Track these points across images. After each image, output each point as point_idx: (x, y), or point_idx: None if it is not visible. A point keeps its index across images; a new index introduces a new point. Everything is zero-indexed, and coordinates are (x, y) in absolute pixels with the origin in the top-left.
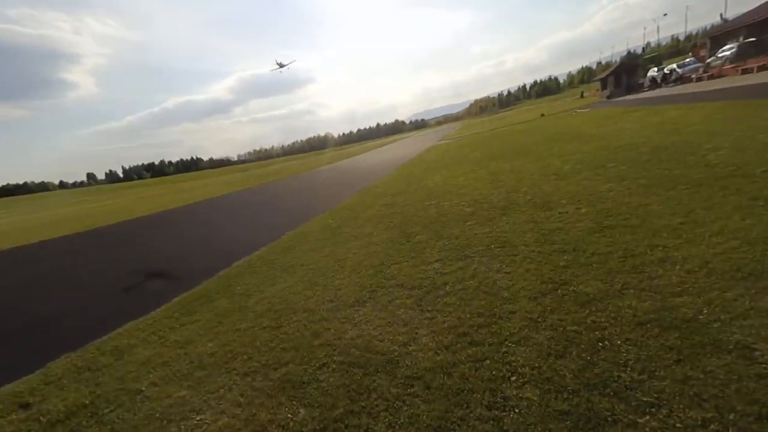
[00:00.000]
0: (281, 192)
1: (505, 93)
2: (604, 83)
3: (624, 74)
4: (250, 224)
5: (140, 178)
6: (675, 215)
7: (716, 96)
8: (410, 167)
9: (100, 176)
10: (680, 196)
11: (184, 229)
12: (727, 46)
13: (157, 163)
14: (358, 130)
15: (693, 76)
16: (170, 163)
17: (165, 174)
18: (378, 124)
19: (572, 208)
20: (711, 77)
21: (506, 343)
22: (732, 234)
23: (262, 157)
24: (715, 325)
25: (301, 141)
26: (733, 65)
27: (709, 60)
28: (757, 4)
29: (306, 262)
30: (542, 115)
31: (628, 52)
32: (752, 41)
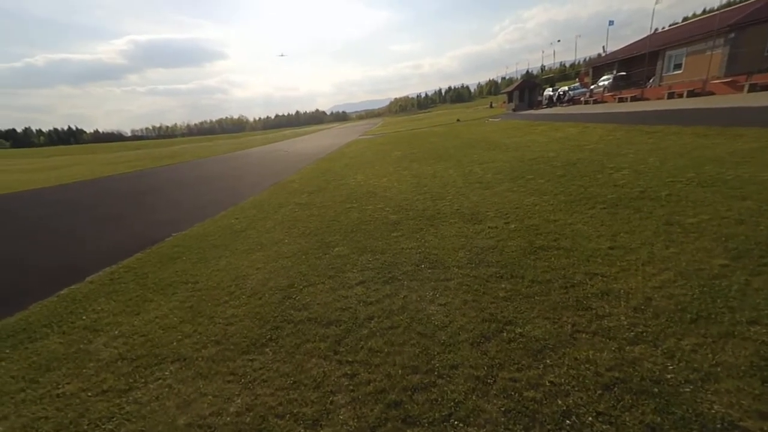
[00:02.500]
0: (176, 178)
1: (423, 95)
2: (510, 97)
3: (527, 90)
4: (126, 220)
5: None
6: (602, 237)
7: (603, 119)
8: (330, 162)
9: None
10: (601, 216)
11: (22, 221)
12: (605, 77)
13: (19, 130)
14: (276, 116)
15: (582, 98)
16: (40, 132)
17: (33, 145)
18: (298, 112)
19: (501, 222)
20: (595, 101)
21: (452, 420)
22: (662, 263)
23: (162, 135)
24: (687, 390)
25: (212, 122)
26: (610, 93)
27: (592, 87)
28: (631, 41)
29: (192, 279)
30: (458, 120)
31: (527, 72)
32: (623, 75)
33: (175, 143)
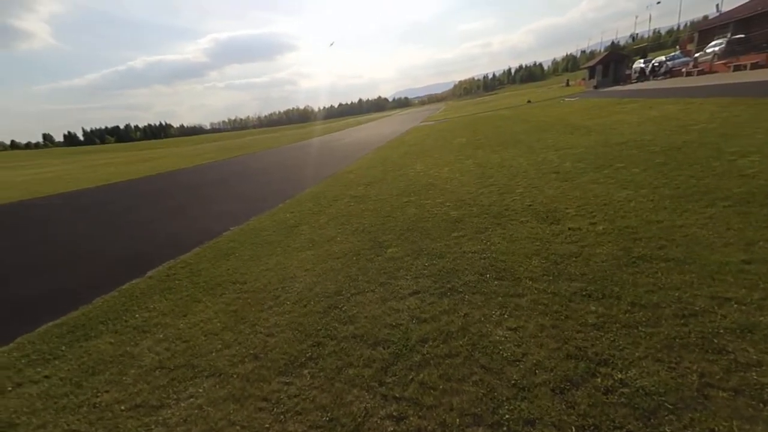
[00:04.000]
0: (243, 170)
1: (490, 76)
2: (591, 72)
3: (612, 64)
4: (191, 212)
5: (103, 142)
6: (731, 247)
7: (714, 92)
8: (389, 150)
9: (58, 138)
10: (726, 216)
11: (100, 214)
12: (716, 42)
13: (122, 127)
14: (340, 105)
15: (683, 69)
16: (137, 127)
17: (131, 139)
18: (360, 100)
19: (585, 222)
20: (701, 72)
21: None
22: None
23: (237, 127)
24: None
25: (279, 113)
26: (723, 61)
27: (697, 54)
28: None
29: (241, 279)
30: (529, 101)
31: (612, 43)
32: (741, 38)
33: (246, 135)
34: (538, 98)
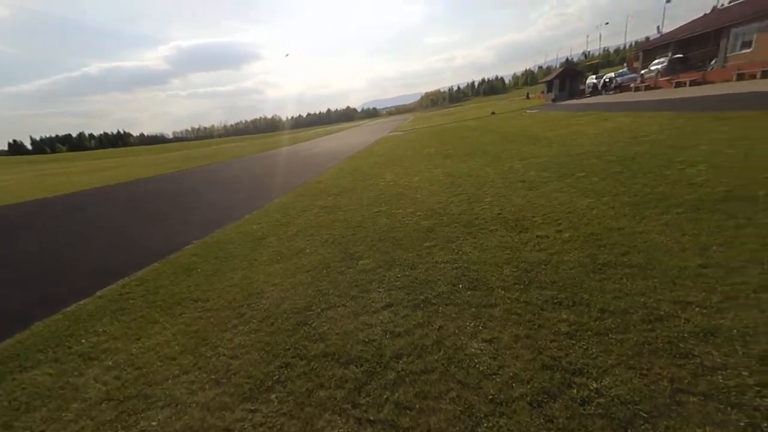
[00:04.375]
0: (207, 180)
1: (455, 88)
2: (549, 86)
3: (568, 79)
4: (149, 226)
5: (54, 151)
6: (688, 252)
7: (660, 106)
8: (359, 160)
9: (2, 146)
10: (680, 223)
11: (52, 227)
12: (658, 60)
13: (75, 135)
14: (308, 115)
15: (631, 85)
16: (92, 136)
17: (86, 148)
18: (329, 110)
19: (552, 230)
20: (648, 88)
21: None
22: None
23: (201, 136)
24: None
25: (246, 122)
26: (666, 78)
27: (643, 72)
28: (686, 21)
29: (203, 296)
30: (493, 113)
31: (567, 59)
32: (680, 57)
33: (211, 144)
34: (502, 110)
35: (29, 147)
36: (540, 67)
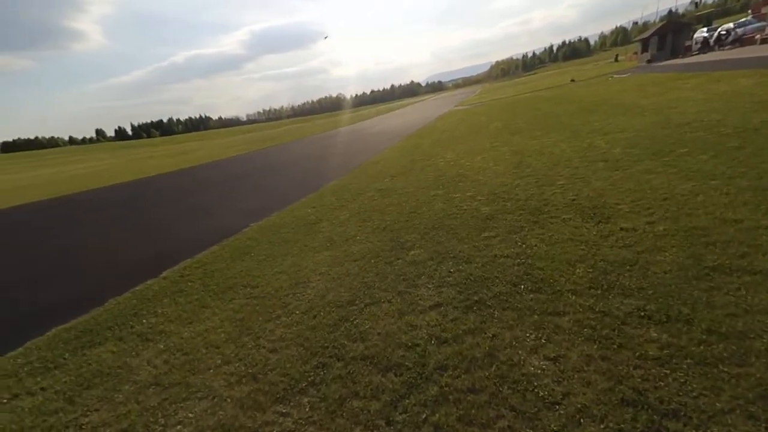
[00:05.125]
0: (269, 163)
1: (530, 55)
2: (644, 45)
3: (670, 35)
4: (217, 208)
5: (149, 135)
6: None
7: None
8: (419, 138)
9: (110, 133)
10: None
11: (129, 210)
12: None
13: (165, 120)
14: (372, 92)
15: (757, 36)
16: (179, 121)
17: (174, 132)
18: (393, 86)
19: (641, 221)
20: None
21: None
22: None
23: (271, 117)
24: None
25: (312, 102)
26: None
27: None
28: None
29: (253, 282)
30: (572, 80)
31: (670, 12)
32: None
33: (280, 125)
34: (583, 76)
35: (130, 133)
36: (635, 23)
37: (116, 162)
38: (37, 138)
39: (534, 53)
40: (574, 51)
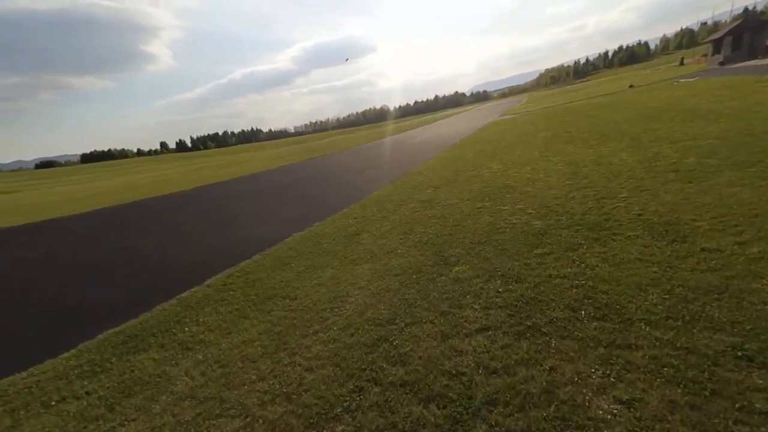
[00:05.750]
0: (314, 173)
1: (582, 61)
2: (717, 46)
3: (747, 34)
4: (259, 217)
5: (205, 147)
6: None
7: None
8: (463, 148)
9: (171, 145)
10: None
11: (177, 216)
12: None
13: (221, 133)
14: (415, 103)
15: None
16: (233, 133)
17: (228, 144)
18: (436, 96)
19: (728, 240)
20: None
21: None
22: None
23: (317, 129)
24: None
25: (357, 113)
26: None
27: None
28: None
29: (292, 293)
30: (631, 86)
31: (746, 9)
32: None
33: (324, 137)
34: (643, 81)
35: (189, 145)
36: (703, 24)
37: (174, 171)
38: (110, 150)
39: (587, 59)
40: (631, 56)
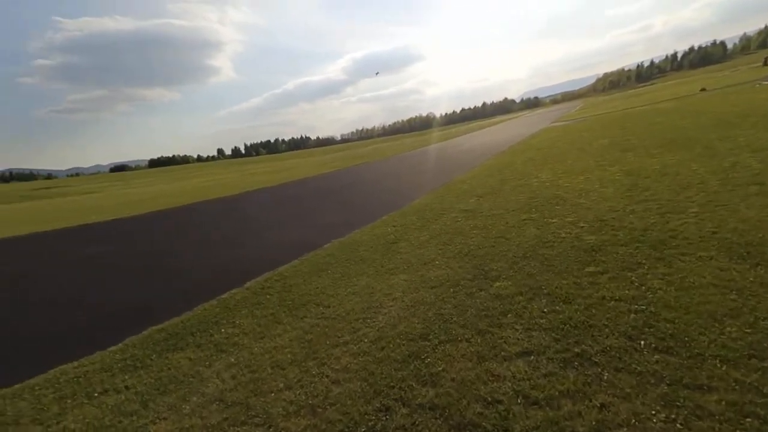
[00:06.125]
0: (357, 180)
1: (647, 64)
2: None
3: None
4: (300, 222)
5: (257, 154)
6: None
7: None
8: (510, 156)
9: (227, 152)
10: None
11: (218, 221)
12: None
13: (272, 141)
14: (462, 110)
15: None
16: (283, 141)
17: (278, 151)
18: (484, 103)
19: None
20: None
21: None
22: None
23: (363, 136)
24: None
25: (402, 121)
26: None
27: None
28: None
29: (326, 301)
30: (703, 89)
31: None
32: None
33: (370, 144)
34: (717, 85)
35: (243, 151)
36: None
37: (227, 177)
38: (174, 156)
39: (652, 62)
40: (704, 57)
